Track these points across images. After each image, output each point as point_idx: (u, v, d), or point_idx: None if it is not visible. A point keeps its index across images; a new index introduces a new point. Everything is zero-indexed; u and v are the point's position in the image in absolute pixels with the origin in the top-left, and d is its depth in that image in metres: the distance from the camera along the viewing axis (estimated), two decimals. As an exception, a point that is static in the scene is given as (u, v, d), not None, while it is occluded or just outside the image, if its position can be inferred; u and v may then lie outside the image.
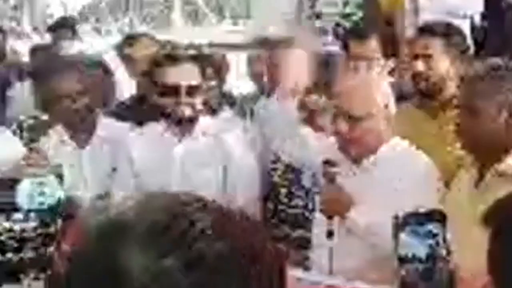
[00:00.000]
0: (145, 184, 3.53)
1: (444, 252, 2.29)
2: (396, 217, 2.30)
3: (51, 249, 2.73)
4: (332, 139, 3.15)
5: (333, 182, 3.00)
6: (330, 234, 3.00)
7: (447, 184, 2.98)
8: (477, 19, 5.19)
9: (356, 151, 3.06)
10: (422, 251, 2.27)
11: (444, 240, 2.29)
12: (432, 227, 2.28)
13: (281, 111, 4.26)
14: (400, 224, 2.28)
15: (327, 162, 3.04)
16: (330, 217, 3.00)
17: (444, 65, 3.52)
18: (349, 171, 3.08)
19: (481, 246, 2.53)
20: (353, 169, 3.09)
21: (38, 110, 4.40)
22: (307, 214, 3.63)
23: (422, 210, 2.33)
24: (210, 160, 3.51)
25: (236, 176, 3.51)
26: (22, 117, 4.38)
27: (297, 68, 4.07)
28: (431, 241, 2.27)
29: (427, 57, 3.52)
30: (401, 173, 2.98)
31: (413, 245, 2.27)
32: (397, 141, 3.14)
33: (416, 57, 3.56)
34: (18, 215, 2.72)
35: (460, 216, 2.68)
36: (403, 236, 2.28)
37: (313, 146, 3.35)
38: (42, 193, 2.75)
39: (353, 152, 3.06)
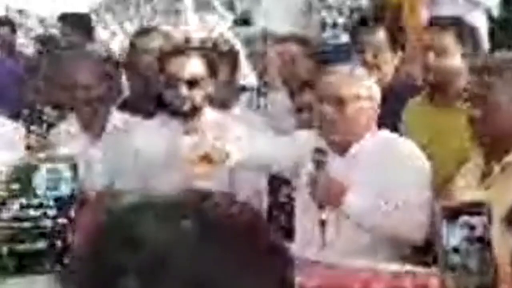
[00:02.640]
0: (150, 176, 3.55)
1: (484, 243, 2.29)
2: (439, 208, 2.31)
3: (65, 240, 2.75)
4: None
5: (323, 169, 3.02)
6: (323, 223, 3.03)
7: (452, 177, 2.98)
8: (495, 9, 5.19)
9: (342, 137, 3.08)
10: (462, 243, 2.28)
11: (486, 232, 2.29)
12: (472, 219, 2.28)
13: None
14: (442, 216, 2.30)
15: (318, 150, 3.07)
16: (321, 207, 3.03)
17: (455, 58, 3.51)
18: (335, 160, 3.09)
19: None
20: (338, 159, 3.10)
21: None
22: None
23: (465, 201, 2.35)
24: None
25: (241, 170, 3.50)
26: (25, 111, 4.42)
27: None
28: (471, 233, 2.28)
29: (439, 50, 3.52)
30: (386, 161, 3.02)
31: (454, 236, 2.28)
32: (382, 131, 3.18)
33: (427, 49, 3.56)
34: (34, 202, 2.75)
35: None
36: (444, 227, 2.29)
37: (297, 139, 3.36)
38: (57, 182, 2.77)
39: (338, 137, 3.08)
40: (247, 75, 5.37)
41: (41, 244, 2.73)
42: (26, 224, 2.74)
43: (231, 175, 3.52)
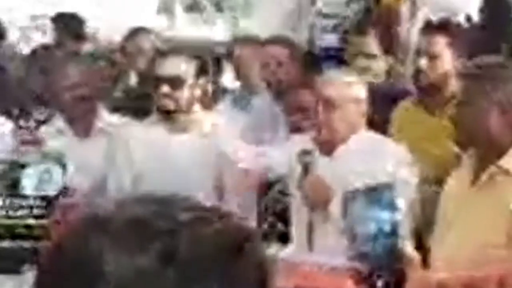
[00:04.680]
0: (141, 178, 3.53)
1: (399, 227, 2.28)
2: (348, 192, 2.29)
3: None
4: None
5: (308, 171, 3.05)
6: (310, 225, 3.06)
7: (442, 181, 2.98)
8: (474, 16, 5.23)
9: (329, 137, 3.11)
10: (377, 226, 2.27)
11: (397, 214, 2.28)
12: (385, 200, 2.26)
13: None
14: (352, 199, 2.28)
15: (304, 152, 3.10)
16: (312, 208, 3.05)
17: (447, 63, 3.53)
18: (322, 161, 3.13)
19: (477, 242, 2.57)
20: (325, 159, 3.14)
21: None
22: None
23: (372, 184, 2.34)
24: (206, 155, 3.51)
25: (231, 173, 3.50)
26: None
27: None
28: (386, 215, 2.27)
29: (431, 54, 3.54)
30: (371, 161, 3.04)
31: (368, 219, 2.27)
32: (368, 132, 3.22)
33: (419, 53, 3.58)
34: (21, 202, 2.74)
35: (456, 213, 2.71)
36: (355, 210, 2.28)
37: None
38: (46, 181, 2.76)
39: (325, 138, 3.12)
40: (229, 78, 5.38)
41: (23, 244, 2.72)
42: (10, 222, 2.73)
43: (219, 177, 3.51)
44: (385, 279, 2.24)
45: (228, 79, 5.35)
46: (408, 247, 2.28)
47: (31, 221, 2.73)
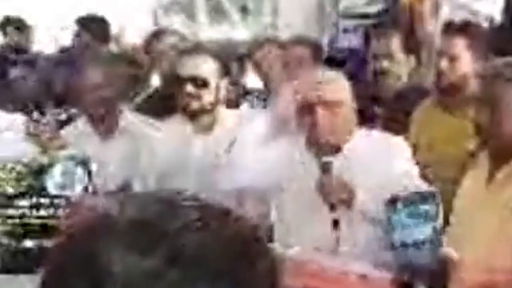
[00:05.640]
0: (164, 177, 3.57)
1: (440, 234, 2.27)
2: (391, 199, 2.27)
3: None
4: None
5: (329, 171, 3.05)
6: (336, 223, 3.06)
7: (459, 180, 2.97)
8: (497, 16, 5.22)
9: (328, 138, 3.10)
10: (419, 233, 2.24)
11: (439, 221, 2.26)
12: (428, 208, 2.24)
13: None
14: (394, 205, 2.25)
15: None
16: (332, 207, 3.05)
17: (466, 65, 3.53)
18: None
19: (492, 242, 2.57)
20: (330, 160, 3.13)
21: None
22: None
23: (416, 190, 2.32)
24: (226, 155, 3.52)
25: (250, 171, 3.48)
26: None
27: None
28: (428, 223, 2.25)
29: (450, 56, 3.54)
30: (379, 158, 3.04)
31: (411, 227, 2.24)
32: (367, 130, 3.23)
33: (440, 55, 3.58)
34: (45, 201, 2.76)
35: (471, 212, 2.71)
36: (399, 218, 2.25)
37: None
38: (70, 180, 2.79)
39: (325, 138, 3.11)
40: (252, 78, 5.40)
41: (45, 244, 2.74)
42: (34, 222, 2.76)
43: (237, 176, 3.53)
44: (427, 285, 2.24)
45: (252, 79, 5.37)
46: (450, 250, 2.27)
47: (55, 221, 2.75)
